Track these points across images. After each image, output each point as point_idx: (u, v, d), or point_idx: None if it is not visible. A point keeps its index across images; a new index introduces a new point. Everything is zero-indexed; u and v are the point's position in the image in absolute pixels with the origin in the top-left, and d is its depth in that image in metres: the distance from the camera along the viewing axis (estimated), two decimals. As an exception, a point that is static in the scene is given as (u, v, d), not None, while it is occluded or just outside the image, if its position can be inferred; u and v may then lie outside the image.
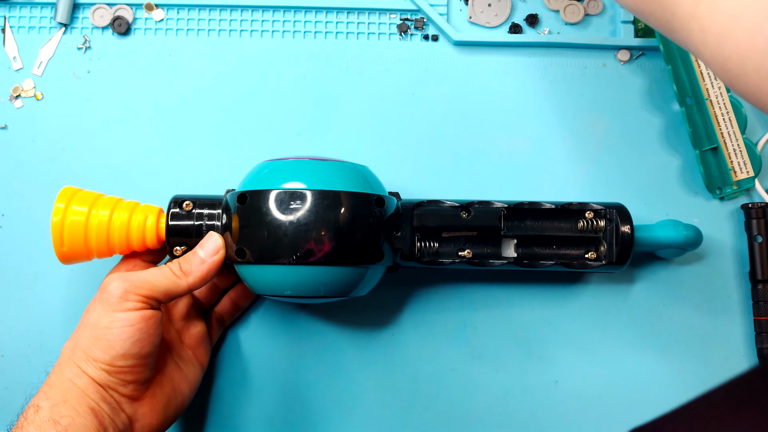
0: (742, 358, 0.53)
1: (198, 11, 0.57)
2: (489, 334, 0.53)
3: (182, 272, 0.44)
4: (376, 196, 0.46)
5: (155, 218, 0.47)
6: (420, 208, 0.49)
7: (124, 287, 0.42)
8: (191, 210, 0.47)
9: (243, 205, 0.45)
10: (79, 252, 0.46)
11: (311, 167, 0.45)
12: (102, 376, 0.42)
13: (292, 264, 0.44)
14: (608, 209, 0.49)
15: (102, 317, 0.42)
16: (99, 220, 0.45)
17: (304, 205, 0.44)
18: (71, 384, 0.41)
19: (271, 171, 0.46)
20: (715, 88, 0.54)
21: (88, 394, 0.41)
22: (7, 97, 0.55)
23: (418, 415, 0.53)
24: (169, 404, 0.46)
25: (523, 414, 0.53)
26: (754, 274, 0.52)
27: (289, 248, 0.43)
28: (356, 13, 0.57)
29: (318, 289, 0.45)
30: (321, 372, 0.53)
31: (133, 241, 0.46)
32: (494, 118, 0.56)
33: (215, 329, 0.52)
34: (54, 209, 0.45)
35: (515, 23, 0.56)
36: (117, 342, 0.41)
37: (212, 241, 0.45)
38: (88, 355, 0.42)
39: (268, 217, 0.44)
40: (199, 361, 0.50)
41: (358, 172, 0.47)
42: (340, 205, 0.44)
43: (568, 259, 0.49)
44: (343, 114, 0.56)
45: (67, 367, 0.42)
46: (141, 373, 0.43)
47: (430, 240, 0.49)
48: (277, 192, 0.44)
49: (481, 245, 0.49)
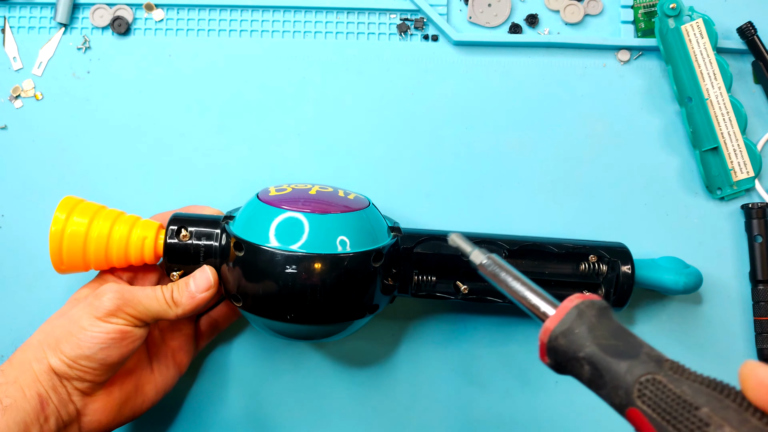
0: (742, 359, 0.53)
1: (198, 11, 0.57)
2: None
3: (173, 302, 0.44)
4: (374, 253, 0.44)
5: (154, 236, 0.46)
6: (420, 245, 0.48)
7: (117, 303, 0.42)
8: (189, 236, 0.46)
9: (239, 254, 0.44)
10: (76, 264, 0.46)
11: (310, 223, 0.43)
12: (62, 367, 0.42)
13: (285, 322, 0.44)
14: (612, 257, 0.48)
15: (83, 318, 0.42)
16: (99, 234, 0.45)
17: (300, 269, 0.42)
18: (29, 366, 0.42)
19: (268, 220, 0.44)
20: (715, 88, 0.54)
21: (40, 380, 0.42)
22: (7, 97, 0.55)
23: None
24: (126, 404, 0.46)
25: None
26: (754, 275, 0.52)
27: (283, 309, 0.43)
28: (356, 13, 0.57)
29: (311, 337, 0.47)
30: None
31: (131, 257, 0.46)
32: (494, 118, 0.56)
33: (206, 335, 0.51)
34: (54, 219, 0.44)
35: (515, 23, 0.56)
36: (86, 344, 0.42)
37: (204, 277, 0.45)
38: (57, 345, 0.42)
39: (263, 276, 0.43)
40: (177, 366, 0.49)
41: (358, 223, 0.44)
42: (336, 268, 0.43)
43: None
44: (342, 114, 0.56)
45: (32, 349, 0.43)
46: (100, 377, 0.43)
47: (428, 274, 0.49)
48: (272, 252, 0.42)
49: (478, 281, 0.49)
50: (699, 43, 0.54)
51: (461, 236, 0.38)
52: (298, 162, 0.55)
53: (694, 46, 0.54)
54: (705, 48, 0.54)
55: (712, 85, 0.54)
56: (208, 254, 0.46)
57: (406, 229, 0.48)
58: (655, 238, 0.54)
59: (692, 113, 0.54)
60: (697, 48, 0.54)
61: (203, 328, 0.51)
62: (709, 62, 0.54)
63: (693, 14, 0.54)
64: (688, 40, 0.54)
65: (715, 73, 0.54)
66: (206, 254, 0.46)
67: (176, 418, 0.53)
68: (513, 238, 0.49)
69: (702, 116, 0.54)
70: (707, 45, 0.54)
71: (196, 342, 0.51)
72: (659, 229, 0.54)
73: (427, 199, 0.55)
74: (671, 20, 0.54)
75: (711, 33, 0.54)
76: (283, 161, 0.55)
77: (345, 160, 0.55)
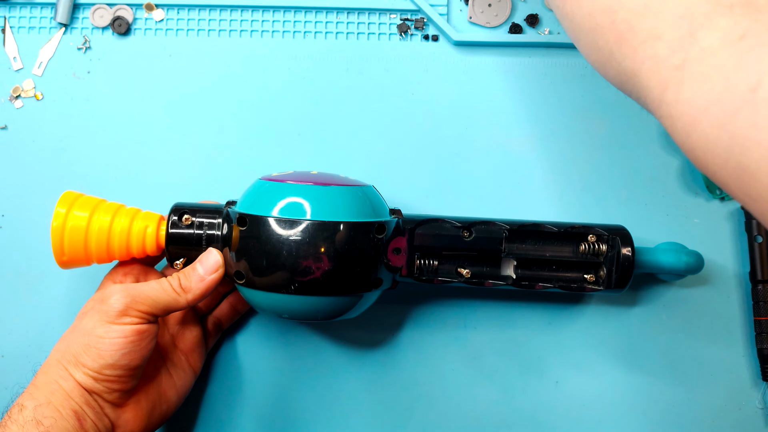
0: (742, 359, 0.53)
1: (198, 11, 0.57)
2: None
3: (182, 288, 0.44)
4: (376, 224, 0.45)
5: (155, 226, 0.46)
6: (421, 227, 0.48)
7: (125, 302, 0.42)
8: (191, 223, 0.46)
9: (242, 228, 0.44)
10: (78, 258, 0.46)
11: (312, 193, 0.44)
12: (88, 381, 0.42)
13: (289, 294, 0.44)
14: (611, 235, 0.48)
15: (97, 327, 0.42)
16: (100, 226, 0.45)
17: (304, 236, 0.43)
18: (57, 386, 0.41)
19: (272, 194, 0.45)
20: (715, 89, 0.54)
21: (72, 397, 0.41)
22: (7, 98, 0.55)
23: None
24: (154, 411, 0.46)
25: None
26: (754, 275, 0.52)
27: (287, 279, 0.43)
28: (356, 13, 0.57)
29: (315, 315, 0.46)
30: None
31: (133, 248, 0.46)
32: (494, 118, 0.56)
33: (212, 335, 0.52)
34: (55, 214, 0.45)
35: (515, 23, 0.56)
36: (108, 352, 0.41)
37: (212, 258, 0.45)
38: (77, 360, 0.42)
39: (267, 246, 0.43)
40: (192, 367, 0.49)
41: (360, 197, 0.45)
42: (339, 236, 0.43)
43: (567, 282, 0.49)
44: (342, 114, 0.56)
45: (54, 369, 0.42)
46: (127, 383, 0.43)
47: (429, 258, 0.49)
48: (276, 220, 0.43)
49: (480, 265, 0.49)
50: (699, 43, 0.54)
51: None
52: (297, 162, 0.55)
53: (694, 46, 0.54)
54: (705, 48, 0.54)
55: (712, 85, 0.54)
56: (210, 241, 0.46)
57: (407, 215, 0.49)
58: (655, 238, 0.53)
59: (692, 113, 0.54)
60: (697, 48, 0.54)
61: (209, 328, 0.52)
62: (709, 62, 0.54)
63: (693, 14, 0.54)
64: (688, 40, 0.54)
65: (715, 73, 0.54)
66: (208, 241, 0.46)
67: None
68: (512, 220, 0.49)
69: (702, 116, 0.54)
70: (707, 45, 0.54)
71: (206, 341, 0.51)
72: (659, 229, 0.54)
73: (427, 199, 0.55)
74: (671, 20, 0.54)
75: (711, 33, 0.54)
76: (283, 161, 0.55)
77: (345, 160, 0.55)
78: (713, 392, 0.53)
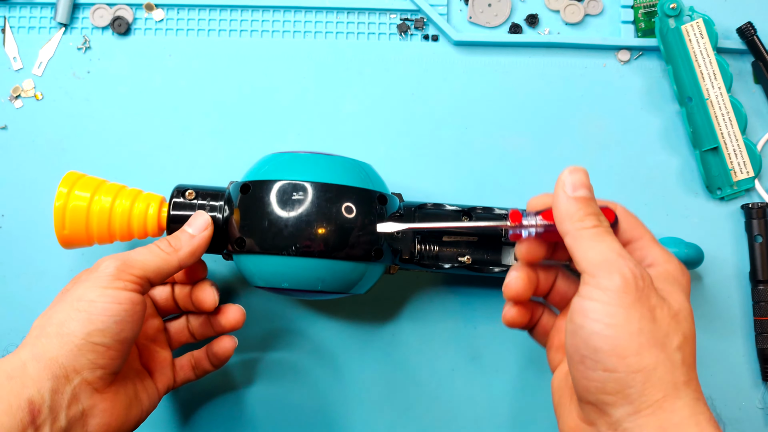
0: (742, 359, 0.53)
1: (198, 11, 0.57)
2: (489, 337, 0.53)
3: (172, 248, 0.43)
4: (378, 194, 0.46)
5: (157, 206, 0.47)
6: (422, 210, 0.49)
7: (116, 266, 0.41)
8: (193, 199, 0.47)
9: (245, 195, 0.45)
10: (80, 237, 0.46)
11: (315, 161, 0.46)
12: (70, 355, 0.38)
13: (291, 255, 0.44)
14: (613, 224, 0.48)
15: (88, 292, 0.39)
16: (101, 206, 0.46)
17: (306, 198, 0.44)
18: (20, 371, 0.38)
19: (276, 163, 0.46)
20: (715, 88, 0.54)
21: (37, 383, 0.37)
22: (7, 97, 0.55)
23: (418, 416, 0.53)
24: (131, 409, 0.42)
25: (521, 415, 0.53)
26: (755, 275, 0.52)
27: (289, 239, 0.44)
28: (356, 13, 0.57)
29: (316, 284, 0.45)
30: (319, 370, 0.53)
31: (134, 229, 0.46)
32: (494, 118, 0.56)
33: (180, 373, 0.48)
34: (57, 193, 0.45)
35: (515, 23, 0.56)
36: (99, 317, 0.39)
37: (200, 218, 0.45)
38: (61, 330, 0.39)
39: (269, 208, 0.44)
40: (157, 388, 0.46)
41: (362, 168, 0.47)
42: (342, 199, 0.44)
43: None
44: (343, 114, 0.56)
45: (28, 347, 0.39)
46: (114, 359, 0.40)
47: (430, 243, 0.49)
48: (280, 183, 0.44)
49: (481, 251, 0.49)
50: (699, 43, 0.54)
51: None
52: (298, 162, 0.55)
53: (694, 46, 0.54)
54: (705, 48, 0.54)
55: (712, 85, 0.54)
56: (212, 217, 0.46)
57: (408, 202, 0.49)
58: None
59: (692, 113, 0.54)
60: (697, 48, 0.54)
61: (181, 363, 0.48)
62: (709, 62, 0.54)
63: (693, 14, 0.54)
64: (688, 40, 0.54)
65: (715, 73, 0.54)
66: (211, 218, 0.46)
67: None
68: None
69: (702, 116, 0.54)
70: (707, 45, 0.54)
71: (173, 370, 0.48)
72: (659, 230, 0.54)
73: (426, 199, 0.54)
74: (671, 20, 0.54)
75: (711, 33, 0.54)
76: (283, 161, 0.55)
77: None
78: (713, 392, 0.53)
